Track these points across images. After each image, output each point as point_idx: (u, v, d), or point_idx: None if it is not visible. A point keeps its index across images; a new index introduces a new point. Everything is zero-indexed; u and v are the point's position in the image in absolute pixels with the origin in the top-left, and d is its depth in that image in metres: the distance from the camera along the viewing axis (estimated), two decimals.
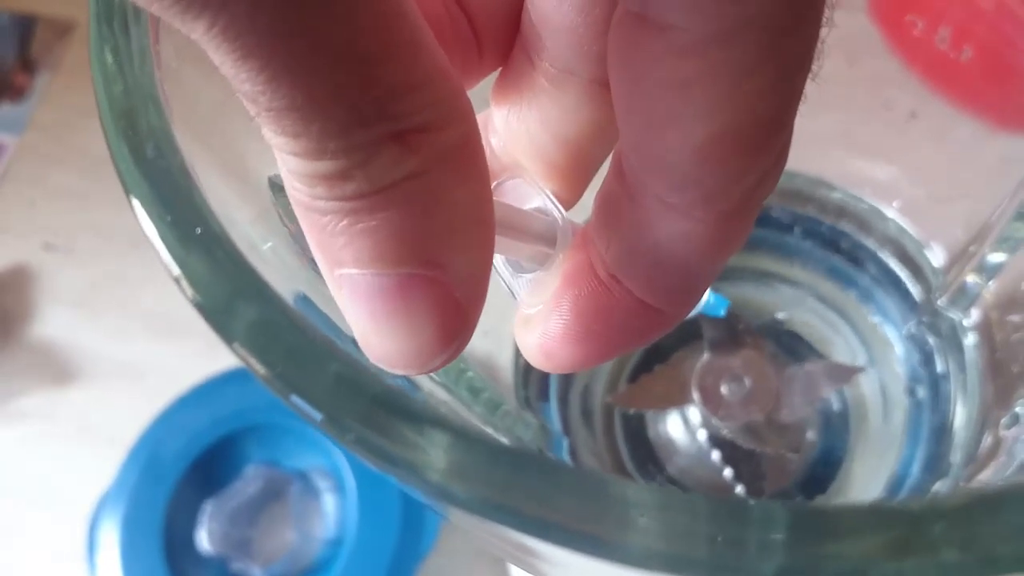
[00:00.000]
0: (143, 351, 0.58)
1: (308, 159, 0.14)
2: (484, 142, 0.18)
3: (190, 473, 0.51)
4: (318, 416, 0.15)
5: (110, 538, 0.50)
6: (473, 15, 0.19)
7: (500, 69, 0.21)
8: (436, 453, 0.14)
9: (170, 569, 0.49)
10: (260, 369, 0.15)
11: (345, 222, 0.15)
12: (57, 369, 0.58)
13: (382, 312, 0.16)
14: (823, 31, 0.14)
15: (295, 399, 0.15)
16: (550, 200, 0.20)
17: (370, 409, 0.15)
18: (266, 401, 0.52)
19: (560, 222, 0.20)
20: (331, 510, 0.51)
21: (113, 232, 0.61)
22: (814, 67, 0.15)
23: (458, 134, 0.15)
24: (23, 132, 0.64)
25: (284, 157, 0.14)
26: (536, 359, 0.20)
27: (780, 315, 0.37)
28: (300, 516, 0.51)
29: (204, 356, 0.56)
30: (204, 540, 0.50)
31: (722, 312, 0.35)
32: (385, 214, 0.15)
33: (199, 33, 0.12)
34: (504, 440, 0.29)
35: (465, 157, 0.15)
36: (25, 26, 0.66)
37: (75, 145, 0.63)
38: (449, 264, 0.16)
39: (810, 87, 0.15)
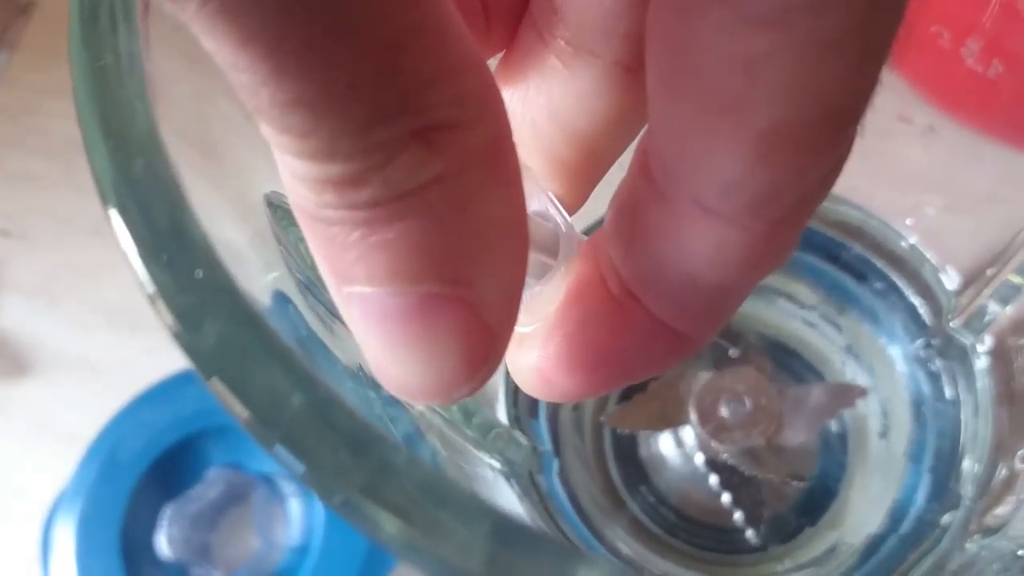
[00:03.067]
0: (103, 344, 0.55)
1: (316, 161, 0.12)
2: None
3: (150, 474, 0.49)
4: (300, 469, 0.13)
5: (65, 540, 0.48)
6: None
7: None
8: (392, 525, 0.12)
9: (128, 574, 0.47)
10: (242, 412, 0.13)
11: (357, 234, 0.13)
12: (10, 362, 0.55)
13: (399, 337, 0.13)
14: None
15: (279, 449, 0.13)
16: (552, 203, 0.18)
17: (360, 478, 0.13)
18: None
19: (563, 229, 0.18)
20: (297, 516, 0.49)
21: (73, 219, 0.58)
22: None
23: (489, 132, 0.13)
24: None
25: (286, 159, 0.12)
26: (531, 385, 0.18)
27: (783, 333, 0.36)
28: (264, 522, 0.49)
29: (167, 352, 0.53)
30: (163, 545, 0.48)
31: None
32: (404, 224, 0.13)
33: (190, 13, 0.10)
34: (496, 463, 0.28)
35: (497, 159, 0.13)
36: None
37: (33, 127, 0.61)
38: (477, 282, 0.13)
39: None
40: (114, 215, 0.13)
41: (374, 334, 0.14)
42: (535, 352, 0.17)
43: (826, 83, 0.12)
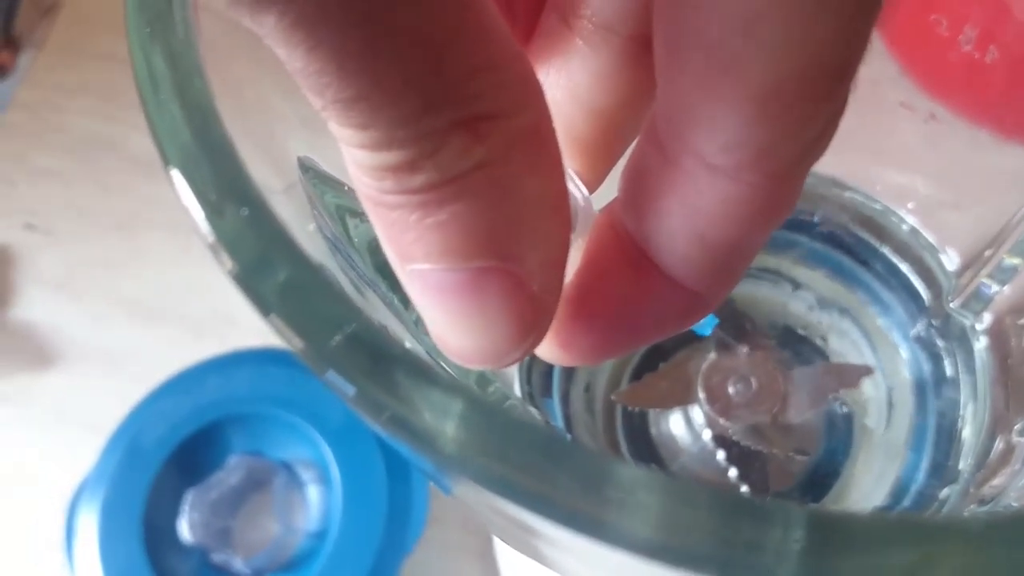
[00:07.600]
0: (124, 337, 0.57)
1: (376, 151, 0.13)
2: None
3: (171, 462, 0.50)
4: (351, 391, 0.14)
5: (88, 526, 0.49)
6: None
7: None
8: (449, 421, 0.14)
9: (150, 559, 0.48)
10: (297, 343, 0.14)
11: (415, 216, 0.14)
12: (36, 353, 0.56)
13: (455, 308, 0.15)
14: None
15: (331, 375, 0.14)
16: (572, 179, 0.19)
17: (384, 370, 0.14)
18: (250, 390, 0.51)
19: (582, 204, 0.19)
20: (315, 502, 0.50)
21: (96, 215, 0.60)
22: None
23: (529, 120, 0.15)
24: (5, 110, 0.63)
25: (351, 151, 0.14)
26: (550, 351, 0.19)
27: (787, 315, 0.37)
28: (283, 507, 0.50)
29: (186, 344, 0.55)
30: (185, 530, 0.49)
31: (708, 331, 0.34)
32: (455, 207, 0.14)
33: (268, 27, 0.12)
34: None
35: (537, 144, 0.15)
36: (9, 3, 0.65)
37: (58, 125, 0.62)
38: (522, 256, 0.15)
39: None
40: (176, 175, 0.15)
41: (434, 307, 0.15)
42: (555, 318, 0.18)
43: (821, 39, 0.13)
